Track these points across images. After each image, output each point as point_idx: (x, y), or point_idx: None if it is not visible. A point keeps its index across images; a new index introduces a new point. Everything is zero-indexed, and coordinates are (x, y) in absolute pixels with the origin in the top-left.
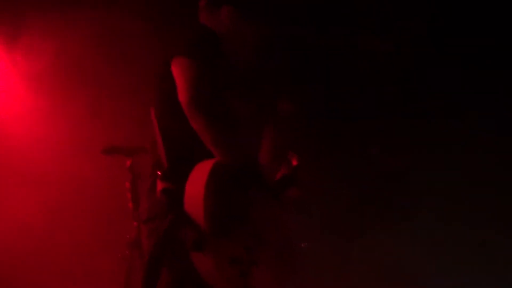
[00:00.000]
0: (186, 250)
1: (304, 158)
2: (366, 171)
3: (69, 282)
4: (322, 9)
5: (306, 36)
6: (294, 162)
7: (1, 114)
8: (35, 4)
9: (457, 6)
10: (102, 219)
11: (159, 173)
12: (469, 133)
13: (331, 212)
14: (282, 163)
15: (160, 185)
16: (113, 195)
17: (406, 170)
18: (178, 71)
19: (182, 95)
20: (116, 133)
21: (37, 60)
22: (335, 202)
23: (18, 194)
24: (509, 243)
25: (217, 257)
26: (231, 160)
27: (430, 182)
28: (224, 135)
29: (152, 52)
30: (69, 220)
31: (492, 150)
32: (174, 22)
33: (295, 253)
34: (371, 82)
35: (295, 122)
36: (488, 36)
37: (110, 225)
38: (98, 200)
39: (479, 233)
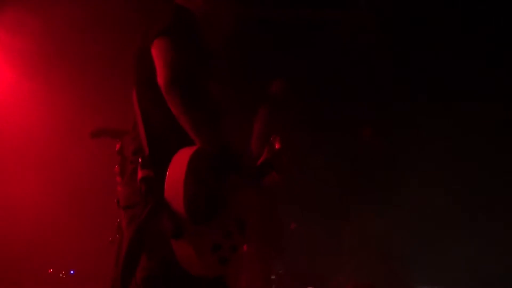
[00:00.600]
0: (166, 238)
1: (290, 142)
2: (357, 152)
3: (64, 262)
4: None
5: (285, 12)
6: (277, 146)
7: None
8: None
9: None
10: (91, 203)
11: (140, 160)
12: (457, 115)
13: (320, 193)
14: (266, 147)
15: (140, 173)
16: (102, 177)
17: (395, 152)
18: (156, 53)
19: (161, 78)
20: (104, 113)
21: (22, 39)
22: (324, 182)
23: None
24: (494, 217)
25: (197, 244)
26: (210, 145)
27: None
28: (202, 119)
29: (138, 31)
30: (59, 205)
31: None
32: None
33: (280, 235)
34: (359, 62)
35: (287, 105)
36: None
37: (99, 209)
38: (86, 183)
39: (465, 211)
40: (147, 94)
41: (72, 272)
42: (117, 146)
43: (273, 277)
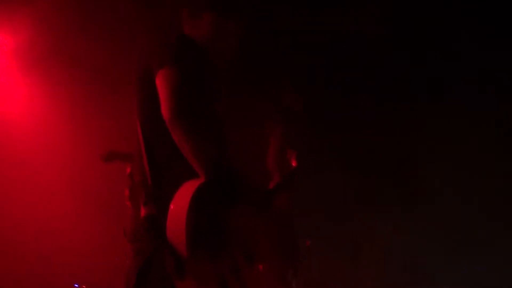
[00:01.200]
0: (170, 277)
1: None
2: (369, 162)
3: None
4: None
5: (292, 27)
6: (294, 163)
7: None
8: None
9: None
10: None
11: (143, 197)
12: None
13: (335, 206)
14: (279, 165)
15: (143, 211)
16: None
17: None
18: (160, 83)
19: (164, 110)
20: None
21: (19, 36)
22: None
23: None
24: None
25: (202, 282)
26: (212, 176)
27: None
28: (206, 151)
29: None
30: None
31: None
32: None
33: (296, 253)
34: (369, 71)
35: (300, 119)
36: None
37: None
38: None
39: (483, 224)
40: (151, 124)
41: (76, 285)
42: (128, 170)
43: None
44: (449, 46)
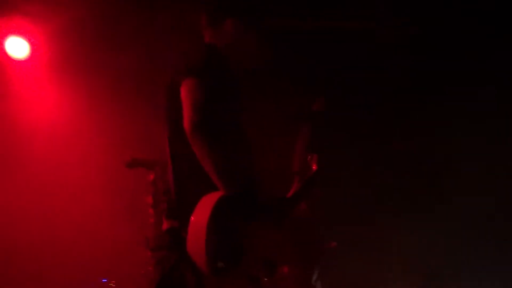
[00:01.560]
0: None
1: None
2: (389, 164)
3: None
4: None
5: (311, 28)
6: (314, 167)
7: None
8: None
9: None
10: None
11: (166, 209)
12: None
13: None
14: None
15: (165, 224)
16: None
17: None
18: (184, 94)
19: (186, 121)
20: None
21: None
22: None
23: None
24: None
25: None
26: (231, 192)
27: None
28: (225, 167)
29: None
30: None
31: None
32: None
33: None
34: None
35: (326, 119)
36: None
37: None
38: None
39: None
40: (178, 135)
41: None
42: (151, 177)
43: None
44: (483, 44)
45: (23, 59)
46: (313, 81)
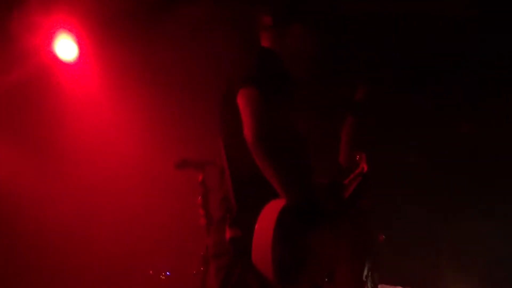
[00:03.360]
0: None
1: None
2: (453, 156)
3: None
4: None
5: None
6: (365, 167)
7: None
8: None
9: None
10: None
11: (228, 218)
12: None
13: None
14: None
15: (228, 232)
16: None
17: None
18: (242, 103)
19: (247, 131)
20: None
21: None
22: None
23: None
24: None
25: None
26: (297, 201)
27: None
28: (289, 175)
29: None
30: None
31: None
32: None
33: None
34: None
35: (371, 111)
36: None
37: (182, 237)
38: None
39: None
40: (234, 143)
41: (168, 273)
42: (200, 177)
43: None
44: None
45: (72, 61)
46: (359, 73)
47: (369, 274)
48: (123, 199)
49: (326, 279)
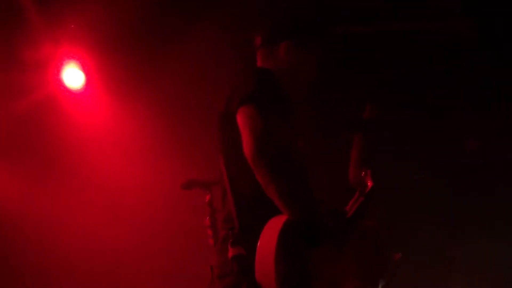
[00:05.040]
0: None
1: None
2: (463, 167)
3: None
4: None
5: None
6: (369, 183)
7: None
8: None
9: None
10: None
11: (230, 237)
12: None
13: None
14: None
15: (231, 251)
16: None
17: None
18: (242, 121)
19: (247, 149)
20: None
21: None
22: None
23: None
24: None
25: None
26: (299, 218)
27: None
28: (290, 193)
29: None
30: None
31: None
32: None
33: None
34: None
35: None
36: None
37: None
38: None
39: None
40: (235, 162)
41: None
42: (207, 198)
43: None
44: None
45: (79, 89)
46: (364, 89)
47: None
48: (128, 223)
49: None
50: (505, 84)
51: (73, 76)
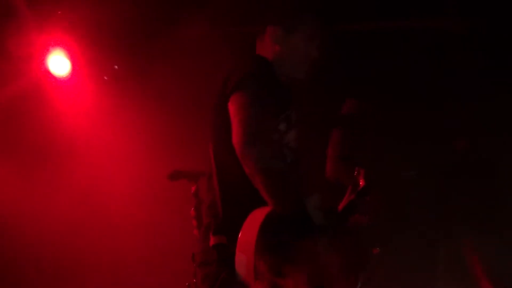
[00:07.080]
0: None
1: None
2: (450, 166)
3: None
4: None
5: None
6: (362, 182)
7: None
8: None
9: None
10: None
11: (213, 225)
12: None
13: (412, 213)
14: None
15: (212, 239)
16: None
17: (494, 164)
18: (233, 109)
19: (235, 138)
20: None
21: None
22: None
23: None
24: None
25: None
26: (282, 209)
27: None
28: (276, 184)
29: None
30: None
31: None
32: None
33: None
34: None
35: (369, 122)
36: None
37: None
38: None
39: None
40: (224, 150)
41: None
42: (193, 189)
43: None
44: None
45: (64, 77)
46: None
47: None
48: (114, 212)
49: None
50: (498, 84)
51: (58, 63)
